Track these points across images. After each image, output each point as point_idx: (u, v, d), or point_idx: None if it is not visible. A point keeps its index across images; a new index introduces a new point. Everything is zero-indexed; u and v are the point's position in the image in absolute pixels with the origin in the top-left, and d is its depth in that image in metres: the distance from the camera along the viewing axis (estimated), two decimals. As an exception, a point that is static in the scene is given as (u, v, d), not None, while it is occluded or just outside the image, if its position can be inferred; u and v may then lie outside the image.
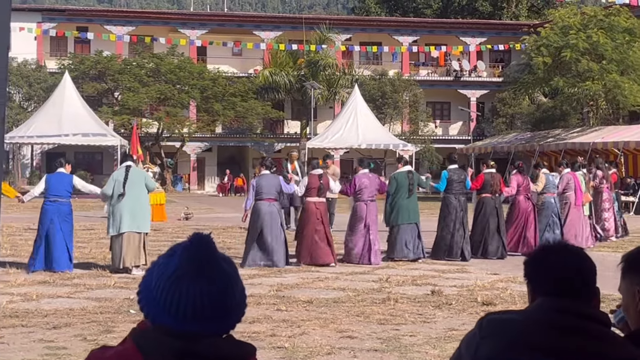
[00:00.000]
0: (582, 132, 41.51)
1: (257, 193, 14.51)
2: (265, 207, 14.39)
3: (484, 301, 10.83)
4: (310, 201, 14.81)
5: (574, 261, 2.45)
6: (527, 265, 2.52)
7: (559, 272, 2.42)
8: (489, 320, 2.39)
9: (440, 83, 59.41)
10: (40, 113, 42.02)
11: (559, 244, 2.53)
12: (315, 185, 14.77)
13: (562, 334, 2.30)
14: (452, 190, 16.01)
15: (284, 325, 9.19)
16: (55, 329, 8.88)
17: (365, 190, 15.14)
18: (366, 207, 15.10)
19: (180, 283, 2.04)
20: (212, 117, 52.71)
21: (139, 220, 13.60)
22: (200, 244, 2.07)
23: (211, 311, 2.05)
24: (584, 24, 40.77)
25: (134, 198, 13.55)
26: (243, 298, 2.15)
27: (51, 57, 55.45)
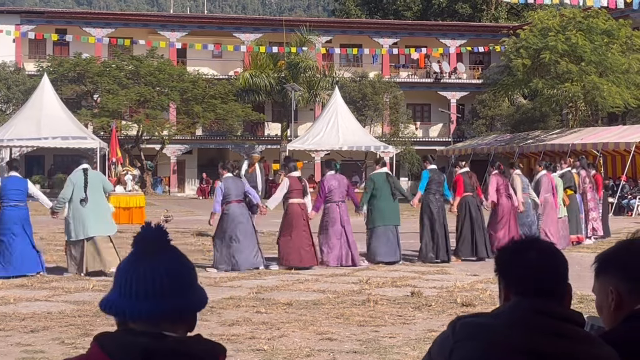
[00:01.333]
0: (561, 134, 41.71)
1: (225, 195, 14.40)
2: (237, 209, 14.33)
3: (464, 302, 10.85)
4: (294, 202, 14.71)
5: (549, 260, 2.45)
6: (501, 263, 2.51)
7: (534, 271, 2.42)
8: (463, 324, 2.38)
9: (420, 85, 59.52)
10: (18, 116, 41.73)
11: (532, 241, 2.52)
12: (297, 187, 14.71)
13: (540, 335, 2.30)
14: (431, 190, 15.93)
15: (264, 327, 9.17)
16: (32, 333, 8.82)
17: (336, 191, 15.03)
18: (338, 209, 15.00)
19: (134, 264, 2.16)
20: (192, 119, 52.57)
21: (104, 223, 13.52)
22: (149, 229, 2.19)
23: (163, 288, 2.12)
24: (562, 26, 40.95)
25: (96, 202, 13.43)
26: (194, 279, 2.24)
27: (30, 60, 55.14)
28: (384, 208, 15.36)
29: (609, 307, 2.61)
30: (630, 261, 2.61)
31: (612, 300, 2.59)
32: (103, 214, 13.56)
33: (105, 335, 2.11)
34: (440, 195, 16.02)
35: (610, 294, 2.60)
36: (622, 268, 2.61)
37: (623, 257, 2.63)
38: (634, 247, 2.67)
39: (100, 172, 14.39)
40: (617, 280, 2.60)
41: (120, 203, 26.05)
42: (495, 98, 53.77)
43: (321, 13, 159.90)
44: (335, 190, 15.03)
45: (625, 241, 2.73)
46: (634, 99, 40.04)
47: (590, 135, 37.82)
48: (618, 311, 2.59)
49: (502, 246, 2.57)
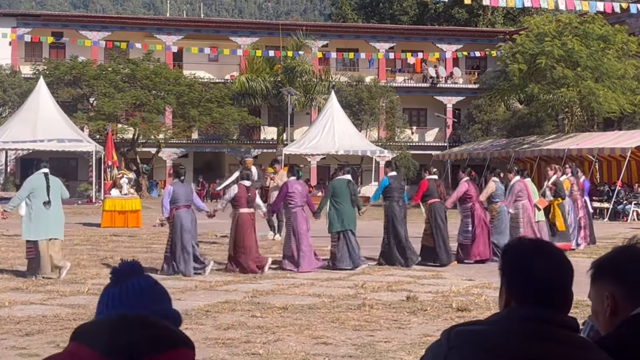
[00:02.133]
0: (557, 139, 41.76)
1: (174, 200, 14.33)
2: (186, 215, 14.28)
3: (459, 307, 10.85)
4: (243, 212, 14.66)
5: (556, 269, 2.41)
6: (506, 265, 2.47)
7: (539, 281, 2.38)
8: (458, 332, 2.37)
9: (416, 89, 59.57)
10: (14, 118, 41.74)
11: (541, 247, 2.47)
12: (244, 195, 14.63)
13: (537, 342, 2.29)
14: (394, 198, 15.83)
15: (259, 331, 9.16)
16: (28, 336, 8.80)
17: (299, 195, 15.03)
18: (302, 213, 15.01)
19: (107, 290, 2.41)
20: (188, 122, 52.53)
21: (61, 227, 13.83)
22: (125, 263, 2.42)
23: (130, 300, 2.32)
24: (559, 31, 41.02)
25: (56, 205, 13.68)
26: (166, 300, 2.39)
27: (26, 63, 55.10)
28: (345, 213, 15.23)
29: (604, 312, 2.61)
30: (626, 267, 2.61)
31: (608, 306, 2.59)
32: (61, 218, 13.86)
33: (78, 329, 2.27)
34: (402, 202, 15.93)
35: (606, 300, 2.59)
36: (618, 273, 2.60)
37: (619, 262, 2.63)
38: (629, 253, 2.67)
39: (58, 179, 14.39)
40: (613, 285, 2.60)
41: (115, 206, 26.03)
42: (491, 103, 53.81)
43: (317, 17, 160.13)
44: (299, 195, 15.04)
45: (621, 247, 2.72)
46: (629, 105, 40.10)
47: (586, 140, 37.88)
48: (614, 317, 2.59)
49: (510, 247, 2.52)
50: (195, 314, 10.19)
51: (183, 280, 13.45)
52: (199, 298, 11.58)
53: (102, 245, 19.36)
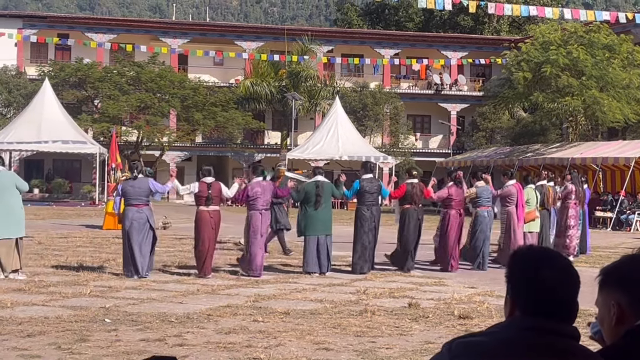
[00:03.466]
0: (561, 148, 41.74)
1: (125, 199, 14.20)
2: (133, 213, 14.09)
3: (461, 314, 10.83)
4: (203, 210, 14.40)
5: (564, 281, 2.39)
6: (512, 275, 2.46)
7: (546, 293, 2.37)
8: (459, 343, 2.37)
9: (421, 96, 59.60)
10: (19, 119, 41.83)
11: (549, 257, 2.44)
12: (204, 194, 14.39)
13: (536, 352, 2.29)
14: (364, 202, 15.48)
15: (260, 336, 9.15)
16: (29, 337, 8.80)
17: (259, 198, 14.53)
18: (261, 217, 14.55)
19: None
20: (192, 126, 52.60)
21: (12, 225, 13.20)
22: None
23: None
24: (564, 40, 41.03)
25: (5, 203, 13.12)
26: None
27: (31, 64, 55.22)
28: (315, 217, 14.97)
29: (610, 321, 2.60)
30: (632, 276, 2.60)
31: (614, 314, 2.58)
32: (10, 216, 13.18)
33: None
34: (375, 207, 15.54)
35: (612, 308, 2.59)
36: (624, 282, 2.59)
37: (626, 271, 2.62)
38: (637, 262, 2.66)
39: (13, 172, 13.92)
40: (619, 294, 2.59)
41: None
42: (495, 111, 53.82)
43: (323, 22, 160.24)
44: (259, 198, 14.53)
45: (629, 256, 2.72)
46: (634, 114, 40.10)
47: (590, 149, 37.85)
48: (619, 325, 2.58)
49: (517, 255, 2.51)
50: (197, 317, 10.19)
51: (185, 283, 13.45)
52: (200, 302, 11.57)
53: (105, 248, 19.36)
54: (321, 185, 15.13)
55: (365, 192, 15.43)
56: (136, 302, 11.33)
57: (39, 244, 19.97)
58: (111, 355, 8.00)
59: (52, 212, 35.20)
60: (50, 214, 33.45)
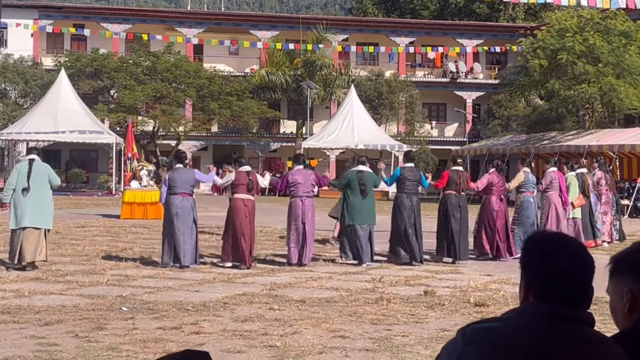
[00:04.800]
0: (577, 135, 41.56)
1: (170, 187, 14.16)
2: (178, 202, 14.08)
3: (477, 302, 10.82)
4: (238, 198, 14.32)
5: (578, 267, 2.37)
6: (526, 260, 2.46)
7: (559, 279, 2.36)
8: (473, 329, 2.37)
9: (436, 84, 59.43)
10: (35, 110, 42.02)
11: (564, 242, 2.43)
12: (244, 181, 14.34)
13: (550, 337, 2.29)
14: (404, 190, 15.33)
15: (276, 324, 9.18)
16: (47, 326, 8.86)
17: (300, 186, 14.54)
18: (302, 204, 14.54)
19: None
20: (208, 115, 52.65)
21: (41, 216, 13.29)
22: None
23: None
24: (580, 27, 40.81)
25: (37, 193, 13.21)
26: None
27: (47, 54, 55.41)
28: (357, 207, 14.93)
29: (622, 308, 2.59)
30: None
31: (627, 302, 2.58)
32: (41, 206, 13.31)
33: None
34: (414, 195, 15.38)
35: (625, 295, 2.58)
36: (637, 270, 2.59)
37: (638, 258, 2.62)
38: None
39: (48, 165, 14.09)
40: (632, 281, 2.58)
41: (135, 198, 26.14)
42: (511, 98, 53.62)
43: (338, 11, 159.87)
44: (300, 185, 14.56)
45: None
46: (651, 101, 39.88)
47: (607, 137, 37.67)
48: (632, 313, 2.58)
49: (531, 240, 2.50)
50: (213, 305, 10.23)
51: (201, 272, 13.50)
52: (217, 290, 11.61)
53: (122, 237, 19.46)
54: (363, 174, 15.13)
55: (406, 179, 15.33)
56: (153, 291, 11.38)
57: (57, 233, 20.06)
58: (128, 343, 8.05)
59: (69, 201, 35.36)
60: (68, 203, 33.60)
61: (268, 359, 7.63)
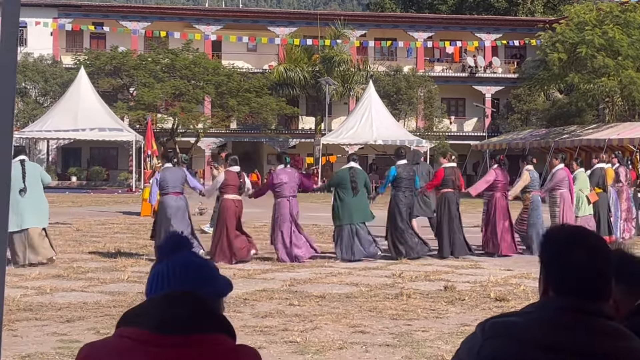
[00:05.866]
0: (597, 129, 41.34)
1: (161, 187, 14.20)
2: (172, 202, 14.12)
3: (497, 297, 10.81)
4: (228, 198, 14.37)
5: (597, 260, 2.35)
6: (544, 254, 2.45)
7: (578, 272, 2.35)
8: (492, 324, 2.37)
9: (455, 79, 59.26)
10: (56, 108, 42.25)
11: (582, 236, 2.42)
12: (234, 182, 14.41)
13: (570, 331, 2.29)
14: (401, 187, 15.24)
15: (296, 319, 9.21)
16: (68, 323, 8.93)
17: (285, 186, 14.50)
18: (289, 203, 14.50)
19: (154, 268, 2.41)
20: (227, 112, 52.74)
21: (41, 215, 13.46)
22: (171, 237, 2.44)
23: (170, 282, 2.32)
24: (599, 20, 40.57)
25: (34, 193, 13.34)
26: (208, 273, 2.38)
27: (67, 53, 55.66)
28: (350, 205, 14.78)
29: None
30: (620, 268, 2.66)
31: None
32: (40, 205, 13.47)
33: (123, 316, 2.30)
34: (410, 192, 15.33)
35: None
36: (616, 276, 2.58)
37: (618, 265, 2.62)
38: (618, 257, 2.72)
39: (37, 163, 14.23)
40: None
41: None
42: (530, 92, 53.38)
43: (356, 7, 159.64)
44: (285, 185, 14.50)
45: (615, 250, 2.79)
46: (671, 94, 39.62)
47: (627, 130, 37.44)
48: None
49: (550, 234, 2.50)
50: (233, 301, 10.26)
51: (220, 268, 13.43)
52: (237, 286, 11.63)
53: (142, 234, 19.53)
54: (355, 172, 15.04)
55: (402, 178, 15.24)
56: (173, 287, 11.41)
57: (77, 230, 20.21)
58: (149, 339, 8.08)
59: (90, 199, 35.55)
60: (88, 201, 33.78)
61: (288, 354, 7.65)
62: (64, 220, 22.86)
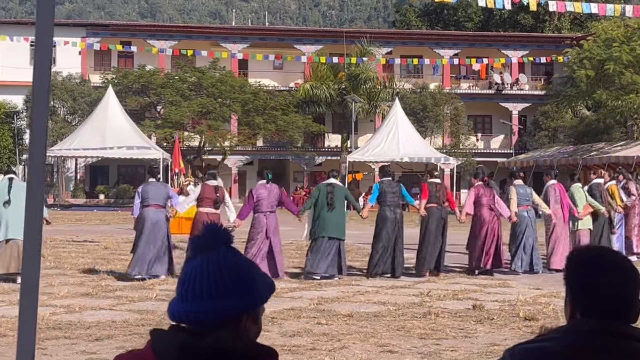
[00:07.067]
0: (626, 146, 41.03)
1: (143, 200, 14.35)
2: (151, 214, 14.27)
3: (526, 316, 10.71)
4: (202, 211, 14.47)
5: (623, 281, 2.33)
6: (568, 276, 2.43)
7: (602, 292, 2.33)
8: (522, 349, 2.35)
9: (481, 96, 59.14)
10: (84, 126, 42.56)
11: (604, 255, 2.40)
12: (210, 196, 14.50)
13: (600, 355, 2.26)
14: (386, 202, 15.19)
15: (324, 339, 9.17)
16: (97, 341, 8.95)
17: (264, 201, 14.53)
18: (265, 219, 14.50)
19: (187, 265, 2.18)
20: (253, 130, 52.95)
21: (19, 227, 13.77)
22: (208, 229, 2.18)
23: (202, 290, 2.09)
24: (627, 37, 40.35)
25: (18, 206, 13.58)
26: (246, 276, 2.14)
27: (95, 72, 56.15)
28: (326, 219, 14.73)
29: None
30: None
31: None
32: (19, 218, 13.57)
33: (158, 332, 2.15)
34: (398, 208, 15.26)
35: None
36: None
37: None
38: None
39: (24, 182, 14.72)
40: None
41: (183, 213, 26.24)
42: (558, 109, 53.13)
43: (381, 24, 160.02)
44: (264, 201, 14.52)
45: None
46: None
47: (656, 147, 37.13)
48: None
49: (574, 256, 2.48)
50: (261, 320, 10.24)
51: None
52: (264, 305, 11.62)
53: (169, 252, 19.57)
54: (333, 188, 15.02)
55: (386, 192, 15.20)
56: (201, 306, 11.42)
57: (105, 249, 20.30)
58: (178, 358, 8.08)
59: (117, 217, 35.72)
60: (116, 219, 33.94)
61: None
62: (92, 238, 23.00)
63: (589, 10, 25.53)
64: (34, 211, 2.65)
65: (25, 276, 2.64)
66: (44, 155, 2.63)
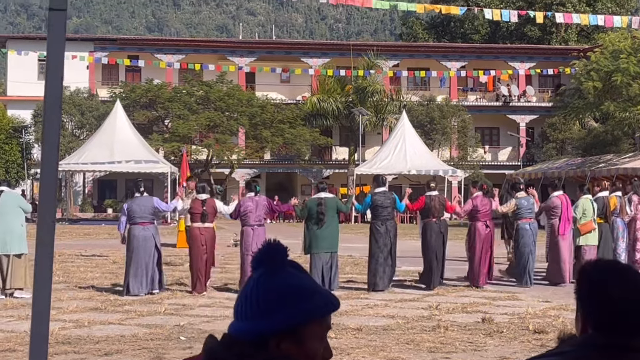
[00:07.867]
0: (634, 157, 40.92)
1: (129, 217, 14.39)
2: (138, 232, 14.30)
3: (536, 329, 10.68)
4: (194, 227, 14.59)
5: (635, 295, 2.34)
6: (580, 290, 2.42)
7: (617, 309, 2.31)
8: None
9: (488, 108, 59.13)
10: (92, 141, 42.64)
11: (617, 269, 2.40)
12: (197, 211, 14.51)
13: None
14: (378, 217, 15.01)
15: (333, 352, 9.12)
16: (106, 356, 8.95)
17: (251, 214, 14.36)
18: (252, 232, 14.36)
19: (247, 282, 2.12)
20: (261, 143, 53.02)
21: (12, 243, 13.83)
22: (263, 247, 2.13)
23: (246, 308, 2.04)
24: (634, 48, 40.32)
25: (8, 221, 13.78)
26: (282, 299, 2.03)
27: (103, 86, 56.35)
28: (318, 234, 14.62)
29: None
30: None
31: None
32: (11, 234, 13.88)
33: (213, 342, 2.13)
34: (389, 221, 14.99)
35: None
36: None
37: None
38: None
39: (19, 194, 14.93)
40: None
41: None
42: (565, 121, 53.09)
43: (388, 37, 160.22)
44: (251, 214, 14.35)
45: None
46: None
47: (664, 158, 37.03)
48: None
49: (584, 270, 2.47)
50: (270, 334, 10.23)
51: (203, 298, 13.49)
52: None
53: (178, 266, 19.62)
54: (324, 202, 14.78)
55: (378, 206, 15.02)
56: (210, 320, 11.44)
57: (114, 263, 20.33)
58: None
59: (125, 231, 35.68)
60: (124, 233, 33.92)
61: (326, 388, 7.59)
62: (100, 253, 23.03)
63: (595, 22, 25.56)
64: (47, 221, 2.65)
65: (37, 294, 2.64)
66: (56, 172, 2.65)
